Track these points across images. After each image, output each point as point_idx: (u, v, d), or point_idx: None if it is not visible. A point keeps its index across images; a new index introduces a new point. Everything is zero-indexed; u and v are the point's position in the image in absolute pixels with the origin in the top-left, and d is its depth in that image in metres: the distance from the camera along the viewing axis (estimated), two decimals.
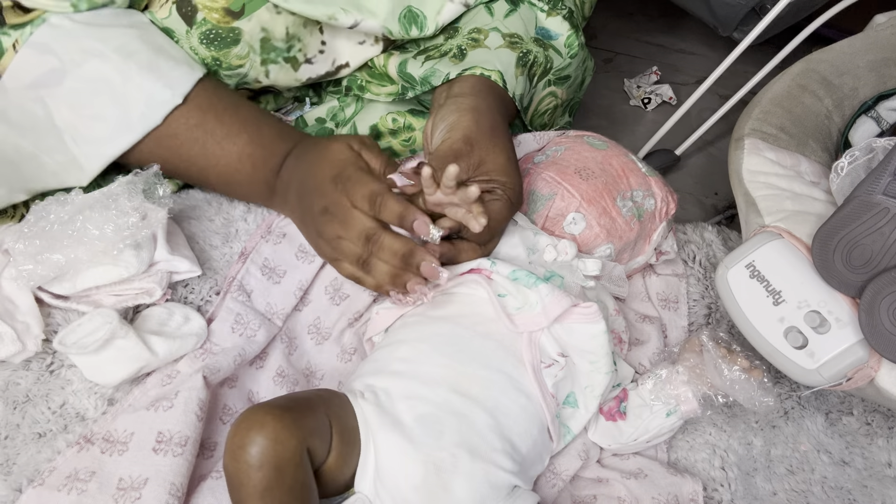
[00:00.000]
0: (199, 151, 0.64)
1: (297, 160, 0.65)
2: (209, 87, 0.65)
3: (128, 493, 0.50)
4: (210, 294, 0.64)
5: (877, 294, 0.54)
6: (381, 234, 0.58)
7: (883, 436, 0.66)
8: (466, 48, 0.72)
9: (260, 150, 0.65)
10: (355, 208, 0.58)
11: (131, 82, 0.60)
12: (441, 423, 0.53)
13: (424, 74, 0.71)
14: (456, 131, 0.62)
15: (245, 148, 0.65)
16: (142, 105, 0.61)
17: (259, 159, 0.65)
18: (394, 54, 0.74)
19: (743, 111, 0.78)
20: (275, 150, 0.65)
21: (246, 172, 0.65)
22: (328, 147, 0.62)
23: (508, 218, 0.63)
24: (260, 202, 0.69)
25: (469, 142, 0.61)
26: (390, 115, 0.76)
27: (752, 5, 1.04)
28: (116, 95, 0.60)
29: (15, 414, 0.55)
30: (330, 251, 0.62)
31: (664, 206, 0.72)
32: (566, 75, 0.79)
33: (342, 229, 0.59)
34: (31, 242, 0.55)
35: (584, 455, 0.62)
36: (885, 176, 0.56)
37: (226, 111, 0.65)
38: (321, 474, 0.51)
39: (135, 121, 0.61)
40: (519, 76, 0.71)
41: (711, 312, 0.74)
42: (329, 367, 0.66)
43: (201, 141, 0.64)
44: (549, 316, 0.57)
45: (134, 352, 0.56)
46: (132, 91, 0.60)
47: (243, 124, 0.65)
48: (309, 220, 0.63)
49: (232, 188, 0.68)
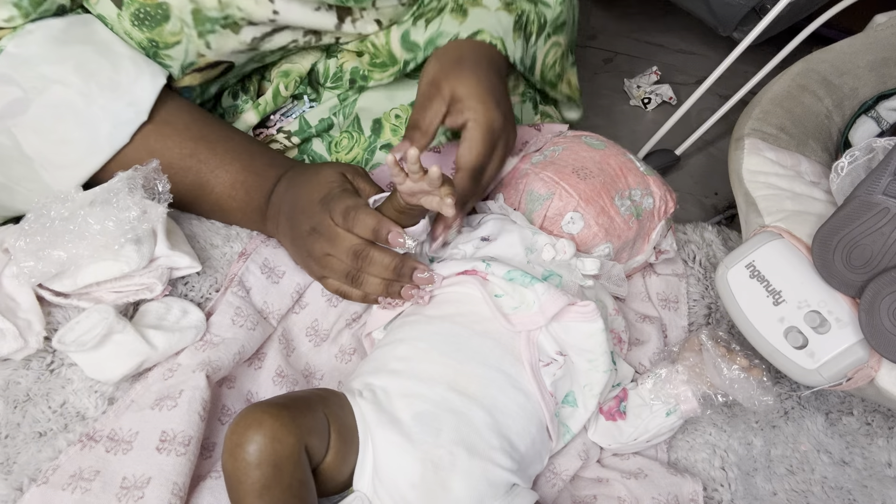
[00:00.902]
0: (194, 180, 0.65)
1: (288, 184, 0.66)
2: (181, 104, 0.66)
3: (131, 493, 0.50)
4: (210, 291, 0.64)
5: (877, 294, 0.54)
6: (370, 250, 0.59)
7: (883, 436, 0.66)
8: (465, 4, 0.72)
9: (253, 178, 0.67)
10: (338, 226, 0.60)
11: (95, 104, 0.61)
12: (439, 420, 0.53)
13: (430, 37, 0.70)
14: (421, 80, 0.62)
15: (238, 175, 0.66)
16: (108, 126, 0.61)
17: (252, 186, 0.67)
18: (392, 29, 0.74)
19: (743, 111, 0.78)
20: (267, 177, 0.67)
21: (240, 199, 0.67)
22: (319, 171, 0.64)
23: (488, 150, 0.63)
24: (252, 228, 0.69)
25: (434, 83, 0.61)
26: (393, 110, 0.76)
27: (752, 5, 1.04)
28: (81, 119, 0.61)
29: (15, 413, 0.55)
30: (318, 269, 0.63)
31: (663, 204, 0.72)
32: (562, 22, 0.79)
33: (330, 247, 0.60)
34: (31, 239, 0.55)
35: (584, 455, 0.62)
36: (885, 176, 0.56)
37: (218, 141, 0.66)
38: (320, 473, 0.52)
39: (102, 142, 0.62)
40: (517, 39, 0.72)
41: (711, 312, 0.74)
42: (328, 367, 0.66)
43: (195, 170, 0.65)
44: (545, 314, 0.57)
45: (133, 346, 0.56)
46: (97, 112, 0.61)
47: (236, 153, 0.67)
48: (298, 241, 0.64)
49: (225, 214, 0.69)
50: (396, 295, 0.61)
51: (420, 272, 0.60)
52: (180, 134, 0.64)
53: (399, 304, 0.63)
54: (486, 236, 0.66)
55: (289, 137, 0.79)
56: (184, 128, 0.65)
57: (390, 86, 0.76)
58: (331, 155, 0.79)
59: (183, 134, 0.65)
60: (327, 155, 0.79)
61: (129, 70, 0.63)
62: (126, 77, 0.62)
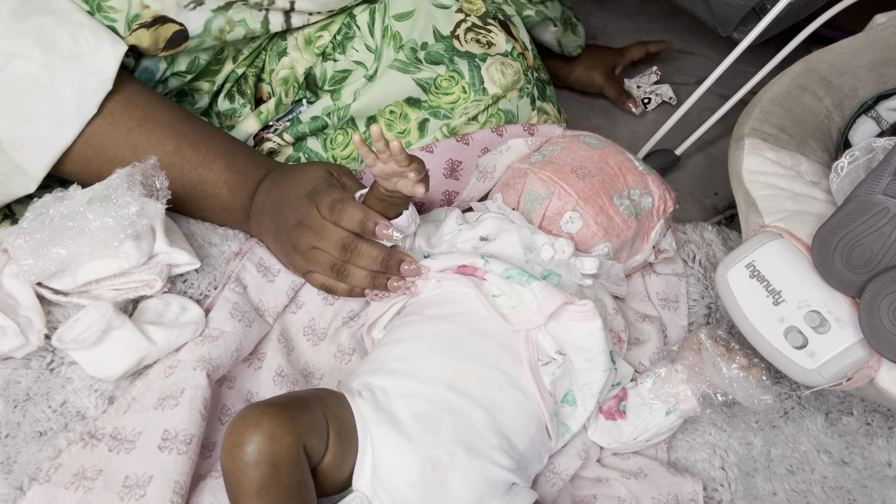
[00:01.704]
0: (177, 176, 0.65)
1: (272, 183, 0.66)
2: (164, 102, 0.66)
3: (133, 491, 0.50)
4: (208, 289, 0.65)
5: (877, 294, 0.54)
6: (358, 242, 0.60)
7: (883, 436, 0.66)
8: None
9: (236, 177, 0.67)
10: (325, 219, 0.60)
11: (59, 76, 0.60)
12: (438, 420, 0.53)
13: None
14: None
15: (221, 174, 0.66)
16: (73, 97, 0.61)
17: (235, 185, 0.67)
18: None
19: (743, 111, 0.78)
20: (250, 176, 0.67)
21: (223, 198, 0.67)
22: (305, 169, 0.64)
23: None
24: (235, 227, 0.70)
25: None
26: (388, 107, 0.76)
27: (752, 5, 1.04)
28: (46, 92, 0.60)
29: (16, 412, 0.55)
30: (303, 263, 0.64)
31: (662, 203, 0.72)
32: None
33: (317, 240, 0.61)
34: (31, 237, 0.55)
35: (584, 454, 0.62)
36: (885, 176, 0.56)
37: (201, 140, 0.66)
38: (319, 473, 0.52)
39: (70, 114, 0.61)
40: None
41: (711, 312, 0.74)
42: (327, 366, 0.67)
43: (178, 167, 0.65)
44: (543, 313, 0.57)
45: (132, 342, 0.56)
46: (62, 84, 0.60)
47: (219, 152, 0.67)
48: (283, 236, 0.64)
49: (208, 214, 0.69)
50: (382, 287, 0.62)
51: (407, 264, 0.61)
52: (163, 131, 0.64)
53: (386, 296, 0.63)
54: (484, 235, 0.66)
55: (281, 136, 0.79)
56: (167, 125, 0.65)
57: (383, 83, 0.76)
58: (326, 152, 0.79)
59: (166, 131, 0.65)
60: (323, 152, 0.79)
61: (89, 39, 0.62)
62: (87, 47, 0.61)
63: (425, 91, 0.75)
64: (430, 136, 0.75)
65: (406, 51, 0.75)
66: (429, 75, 0.74)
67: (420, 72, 0.75)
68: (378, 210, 0.60)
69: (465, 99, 0.74)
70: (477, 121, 0.75)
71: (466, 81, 0.74)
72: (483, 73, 0.74)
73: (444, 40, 0.75)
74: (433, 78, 0.74)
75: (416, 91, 0.75)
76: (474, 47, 0.75)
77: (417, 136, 0.75)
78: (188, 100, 0.79)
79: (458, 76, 0.74)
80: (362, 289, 0.63)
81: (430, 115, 0.75)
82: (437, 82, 0.74)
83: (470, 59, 0.74)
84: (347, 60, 0.78)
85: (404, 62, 0.75)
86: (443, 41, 0.75)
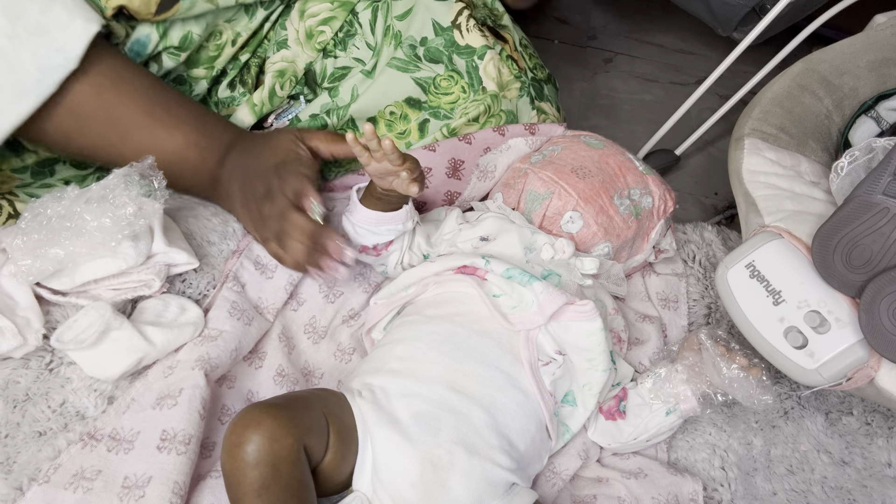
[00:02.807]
0: (147, 137, 0.65)
1: (241, 153, 0.68)
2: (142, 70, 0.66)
3: (132, 492, 0.50)
4: (208, 288, 0.65)
5: (877, 294, 0.54)
6: (290, 211, 0.62)
7: (883, 436, 0.66)
8: None
9: (205, 140, 0.68)
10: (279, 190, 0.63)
11: (23, 48, 0.59)
12: (438, 420, 0.53)
13: None
14: None
15: (191, 136, 0.67)
16: (35, 71, 0.60)
17: (205, 148, 0.68)
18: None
19: (743, 111, 0.78)
20: (220, 140, 0.69)
21: (192, 160, 0.68)
22: (274, 137, 0.67)
23: None
24: (202, 192, 0.70)
25: None
26: (388, 108, 0.76)
27: (752, 5, 1.04)
28: (8, 62, 0.59)
29: (15, 412, 0.55)
30: (263, 231, 0.66)
31: (662, 203, 0.72)
32: None
33: (270, 207, 0.64)
34: (29, 238, 0.55)
35: (584, 454, 0.62)
36: (885, 176, 0.56)
37: (173, 104, 0.67)
38: (319, 473, 0.51)
39: (29, 87, 0.60)
40: None
41: (711, 312, 0.74)
42: (328, 366, 0.66)
43: (149, 128, 0.65)
44: (544, 313, 0.57)
45: (131, 342, 0.56)
46: (25, 56, 0.59)
47: (191, 115, 0.68)
48: (252, 204, 0.66)
49: (177, 179, 0.68)
50: (315, 265, 0.62)
51: (331, 241, 0.61)
52: (137, 91, 0.65)
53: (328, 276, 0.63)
54: (484, 235, 0.66)
55: None
56: (141, 87, 0.65)
57: (382, 83, 0.76)
58: None
59: (140, 92, 0.65)
60: None
61: (59, 15, 0.60)
62: (56, 22, 0.60)
63: (425, 91, 0.75)
64: (430, 136, 0.75)
65: (405, 48, 0.75)
66: (428, 74, 0.74)
67: (419, 70, 0.74)
68: (377, 208, 0.60)
69: (464, 99, 0.74)
70: (477, 122, 0.75)
71: (465, 81, 0.74)
72: (481, 73, 0.74)
73: (443, 33, 0.75)
74: (432, 77, 0.74)
75: (416, 91, 0.75)
76: (476, 38, 0.75)
77: (418, 136, 0.75)
78: (185, 87, 0.78)
79: (457, 76, 0.74)
80: (302, 264, 0.63)
81: (430, 115, 0.75)
82: (436, 82, 0.74)
83: (468, 57, 0.74)
84: (348, 57, 0.78)
85: (403, 60, 0.75)
86: (443, 34, 0.74)
